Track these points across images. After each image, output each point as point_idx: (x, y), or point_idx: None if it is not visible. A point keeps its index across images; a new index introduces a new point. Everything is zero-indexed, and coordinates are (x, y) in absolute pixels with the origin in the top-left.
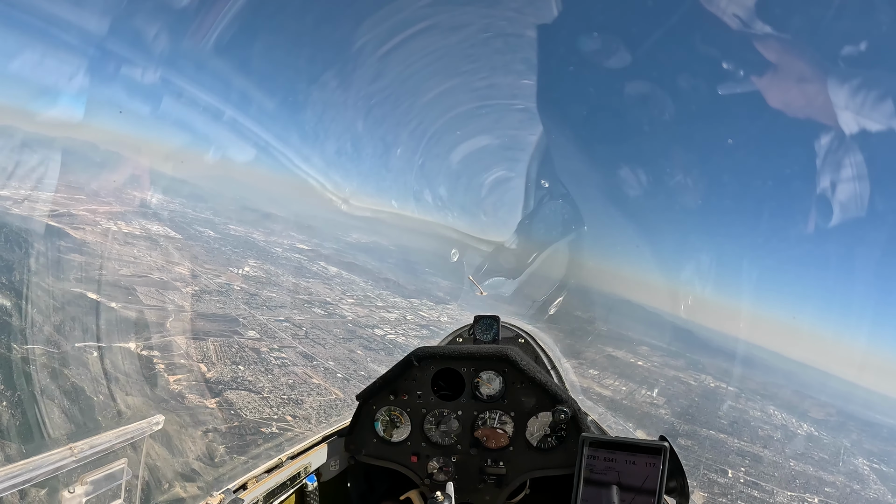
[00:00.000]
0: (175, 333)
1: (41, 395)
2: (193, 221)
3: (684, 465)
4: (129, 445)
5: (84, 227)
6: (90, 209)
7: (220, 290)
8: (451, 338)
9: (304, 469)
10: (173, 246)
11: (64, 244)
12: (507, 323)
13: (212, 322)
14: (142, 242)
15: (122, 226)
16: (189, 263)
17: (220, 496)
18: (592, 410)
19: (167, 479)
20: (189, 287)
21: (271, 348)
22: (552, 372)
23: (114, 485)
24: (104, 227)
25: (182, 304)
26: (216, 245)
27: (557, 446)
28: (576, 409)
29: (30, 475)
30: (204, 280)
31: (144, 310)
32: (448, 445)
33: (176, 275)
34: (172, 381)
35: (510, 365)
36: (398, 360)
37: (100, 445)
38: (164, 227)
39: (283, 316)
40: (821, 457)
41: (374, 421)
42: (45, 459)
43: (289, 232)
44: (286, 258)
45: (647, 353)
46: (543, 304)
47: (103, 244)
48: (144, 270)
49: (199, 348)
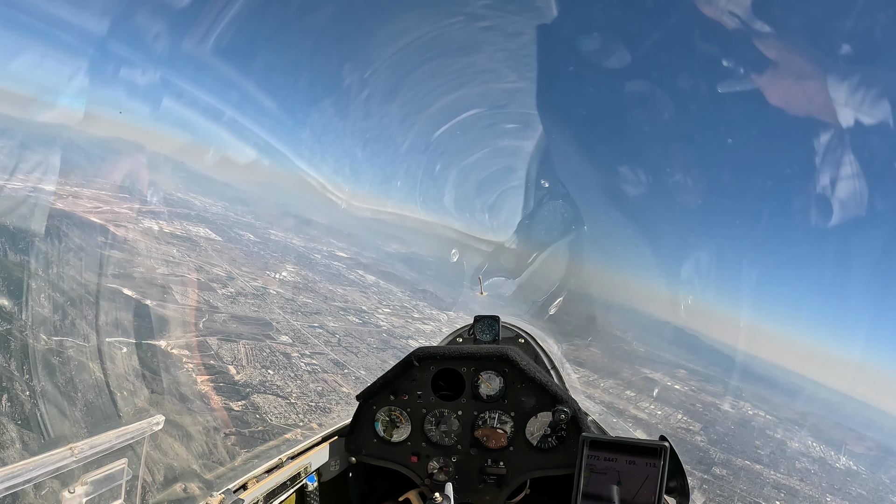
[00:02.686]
0: (207, 334)
1: (65, 386)
2: (234, 224)
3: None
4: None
5: (126, 225)
6: (133, 207)
7: (255, 293)
8: (452, 338)
9: (304, 469)
10: (212, 248)
11: (104, 240)
12: (508, 323)
13: (245, 325)
14: (182, 243)
15: (164, 225)
16: (227, 265)
17: (220, 496)
18: (592, 411)
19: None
20: (225, 289)
21: (303, 354)
22: (552, 372)
23: (114, 485)
24: (146, 226)
25: (217, 305)
26: (255, 249)
27: (557, 446)
28: (576, 409)
29: (30, 475)
30: (240, 283)
31: (178, 309)
32: (448, 445)
33: (213, 276)
34: (200, 382)
35: (510, 365)
36: (398, 360)
37: (100, 445)
38: (205, 228)
39: (317, 322)
40: (858, 492)
41: (374, 421)
42: (46, 459)
43: (329, 239)
44: (325, 265)
45: (685, 377)
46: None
47: (143, 242)
48: (182, 270)
49: (229, 350)
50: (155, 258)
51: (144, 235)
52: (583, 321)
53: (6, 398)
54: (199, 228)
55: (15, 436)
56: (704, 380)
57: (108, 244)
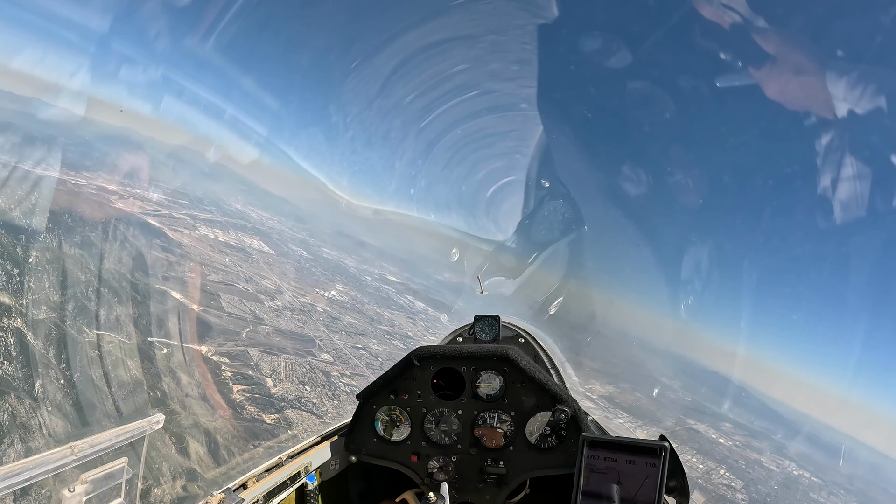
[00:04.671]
0: (249, 344)
1: (101, 379)
2: (289, 240)
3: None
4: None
5: (182, 231)
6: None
7: (302, 308)
8: (452, 337)
9: (304, 468)
10: (264, 260)
11: (159, 242)
12: (508, 322)
13: (288, 339)
14: (235, 252)
15: (220, 234)
16: (277, 279)
17: (220, 495)
18: (592, 411)
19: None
20: (272, 301)
21: (343, 374)
22: (552, 372)
23: (114, 484)
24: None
25: (262, 316)
26: (307, 265)
27: (557, 446)
28: (576, 408)
29: (30, 474)
30: (288, 297)
31: (223, 316)
32: (448, 445)
33: (262, 287)
34: (236, 391)
35: (510, 364)
36: (399, 360)
37: (100, 444)
38: (259, 241)
39: (361, 344)
40: None
41: (374, 420)
42: (46, 458)
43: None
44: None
45: (730, 431)
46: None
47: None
48: (232, 279)
49: (269, 363)
50: (207, 265)
51: (199, 242)
52: (630, 365)
53: (40, 384)
54: (254, 240)
55: (44, 421)
56: (750, 435)
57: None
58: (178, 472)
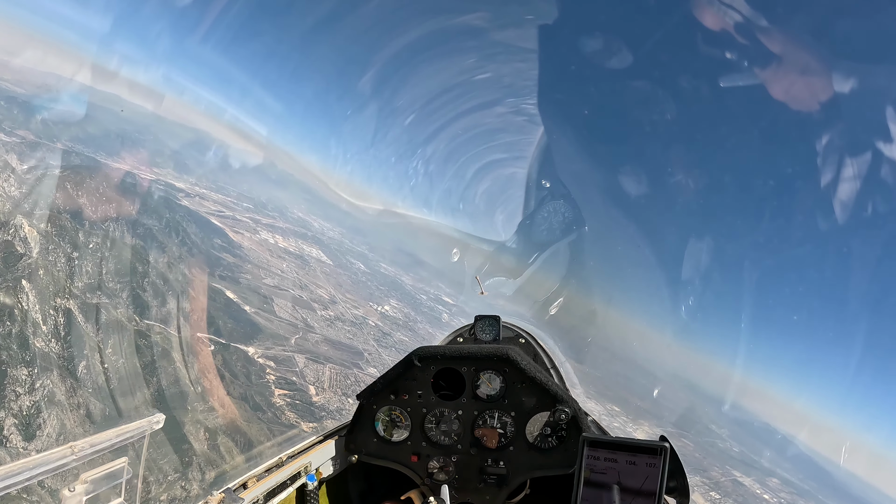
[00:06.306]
0: (296, 351)
1: (143, 369)
2: (348, 252)
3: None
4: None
5: (243, 233)
6: (254, 218)
7: (354, 321)
8: (452, 337)
9: (304, 468)
10: (321, 270)
11: (219, 242)
12: (508, 323)
13: (336, 349)
14: (293, 259)
15: (280, 240)
16: (332, 289)
17: (220, 495)
18: (593, 411)
19: None
20: (325, 311)
21: None
22: (552, 372)
23: (114, 483)
24: (262, 237)
25: (313, 325)
26: (363, 279)
27: (558, 446)
28: (576, 409)
29: (30, 474)
30: (341, 308)
31: (275, 321)
32: (448, 445)
33: (316, 296)
34: (277, 395)
35: (511, 365)
36: (399, 360)
37: (100, 444)
38: (318, 250)
39: None
40: None
41: (374, 420)
42: (46, 458)
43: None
44: (429, 307)
45: (776, 487)
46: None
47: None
48: (287, 285)
49: (314, 371)
50: (264, 268)
51: (259, 245)
52: (684, 410)
53: (84, 365)
54: (313, 249)
55: (82, 401)
56: (798, 494)
57: (223, 246)
58: (205, 464)
